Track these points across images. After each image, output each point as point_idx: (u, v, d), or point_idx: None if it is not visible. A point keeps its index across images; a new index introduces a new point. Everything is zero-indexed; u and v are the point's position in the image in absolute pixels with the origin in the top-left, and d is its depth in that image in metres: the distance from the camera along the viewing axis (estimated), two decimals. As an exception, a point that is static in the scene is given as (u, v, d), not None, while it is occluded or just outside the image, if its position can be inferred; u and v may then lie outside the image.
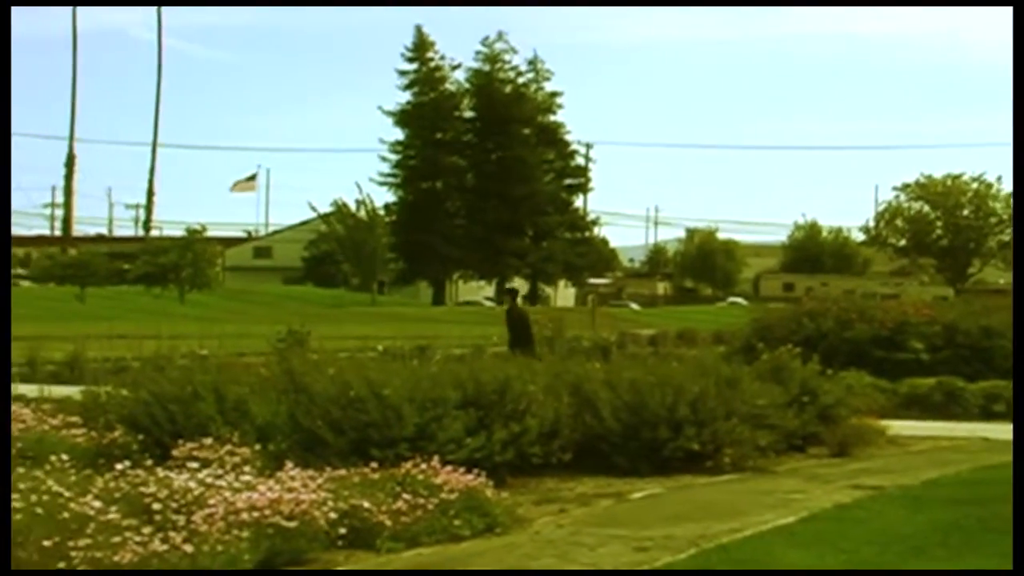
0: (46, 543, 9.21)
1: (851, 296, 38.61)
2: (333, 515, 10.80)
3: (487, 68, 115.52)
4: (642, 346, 40.25)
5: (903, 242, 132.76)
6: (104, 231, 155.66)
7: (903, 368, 26.50)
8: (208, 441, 13.67)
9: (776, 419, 17.22)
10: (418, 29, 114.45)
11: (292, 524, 10.37)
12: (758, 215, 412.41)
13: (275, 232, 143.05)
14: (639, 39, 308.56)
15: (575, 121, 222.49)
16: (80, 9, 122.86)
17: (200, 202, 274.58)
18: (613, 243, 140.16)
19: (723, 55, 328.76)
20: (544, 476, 15.21)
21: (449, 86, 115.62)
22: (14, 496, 9.94)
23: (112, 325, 43.99)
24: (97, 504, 9.88)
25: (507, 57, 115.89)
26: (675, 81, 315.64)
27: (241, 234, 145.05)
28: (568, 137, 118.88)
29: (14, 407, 16.58)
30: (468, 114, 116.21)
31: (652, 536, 11.76)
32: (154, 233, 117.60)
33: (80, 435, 15.26)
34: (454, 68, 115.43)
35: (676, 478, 15.55)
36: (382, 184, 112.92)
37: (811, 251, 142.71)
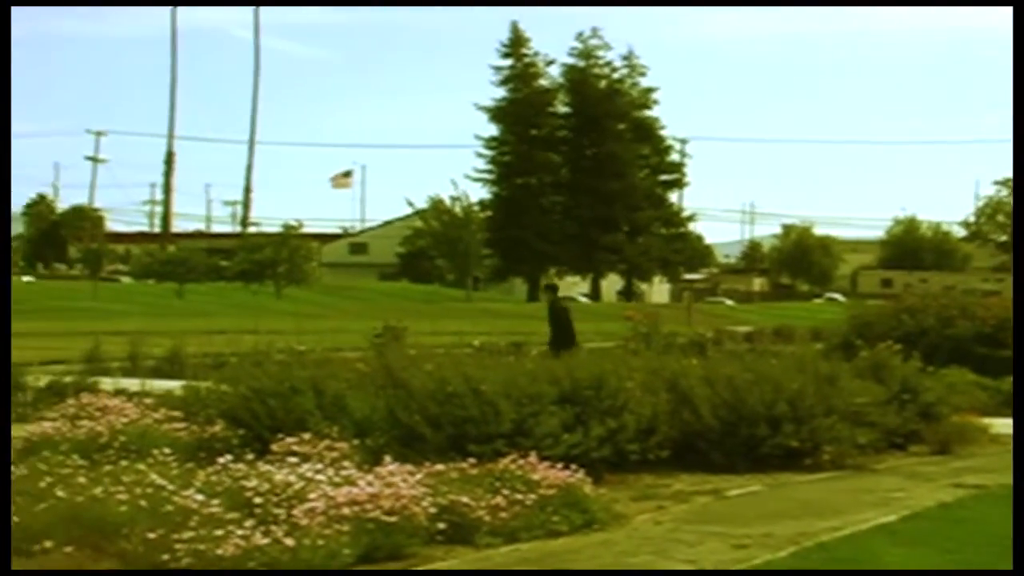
0: (151, 535, 9.34)
1: (951, 292, 38.03)
2: (432, 510, 10.84)
3: (582, 64, 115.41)
4: (738, 343, 39.90)
5: (1004, 237, 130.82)
6: (202, 228, 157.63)
7: (1006, 365, 26.04)
8: (307, 436, 13.76)
9: (876, 417, 17.06)
10: (514, 25, 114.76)
11: (392, 519, 10.42)
12: (855, 211, 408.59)
13: (371, 228, 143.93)
14: (735, 34, 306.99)
15: (670, 116, 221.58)
16: (179, 9, 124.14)
17: (297, 199, 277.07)
18: (708, 239, 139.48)
19: (820, 50, 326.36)
20: (641, 472, 15.16)
21: (544, 82, 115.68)
22: (119, 488, 10.09)
23: (211, 321, 44.55)
24: (200, 497, 10.01)
25: (602, 53, 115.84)
26: (771, 76, 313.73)
27: (337, 230, 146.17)
28: (663, 132, 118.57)
29: (117, 401, 16.83)
30: (563, 110, 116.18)
31: (751, 534, 11.69)
32: (251, 229, 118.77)
33: (181, 429, 15.45)
34: (549, 64, 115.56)
35: (774, 476, 15.44)
36: (477, 180, 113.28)
37: (910, 247, 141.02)
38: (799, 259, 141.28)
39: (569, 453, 13.88)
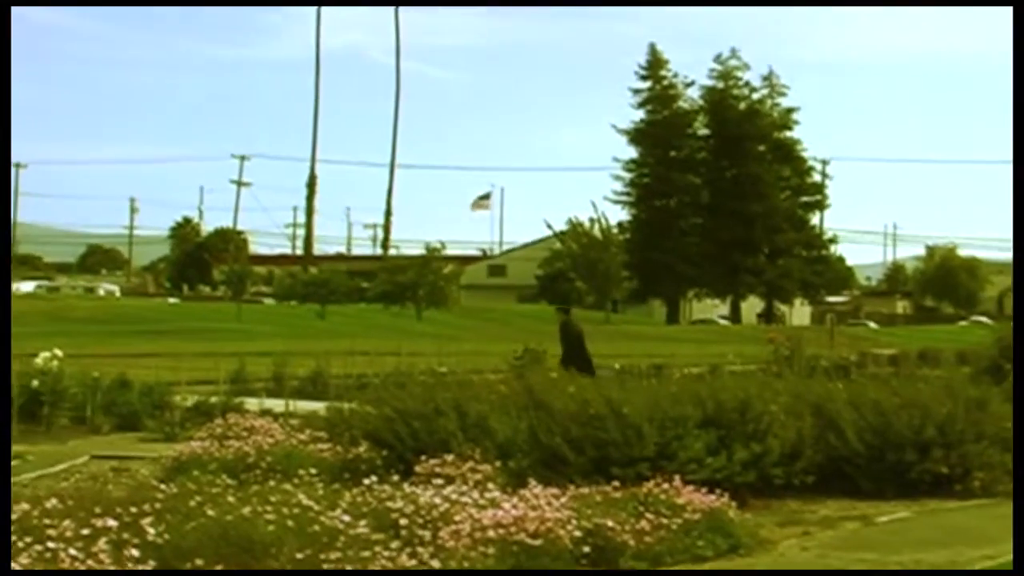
0: (298, 555, 9.41)
1: (1104, 315, 37.06)
2: (577, 534, 10.78)
3: (721, 85, 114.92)
4: (882, 366, 39.35)
5: None
6: (343, 250, 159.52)
7: None
8: (450, 457, 13.83)
9: (1028, 442, 16.66)
10: (652, 47, 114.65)
11: (537, 542, 10.38)
12: (1002, 232, 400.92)
13: (509, 250, 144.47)
14: (876, 52, 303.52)
15: (811, 137, 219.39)
16: (321, 33, 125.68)
17: (435, 221, 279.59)
18: (850, 261, 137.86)
19: (964, 66, 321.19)
20: (786, 498, 14.97)
21: (683, 104, 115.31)
22: (266, 508, 10.18)
23: (352, 342, 44.90)
24: (346, 518, 10.05)
25: (740, 74, 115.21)
26: (914, 94, 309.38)
27: (475, 252, 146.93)
28: (804, 153, 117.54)
29: (263, 421, 17.04)
30: (702, 131, 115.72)
31: (901, 561, 11.49)
32: (391, 252, 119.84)
33: (326, 449, 15.60)
34: (687, 86, 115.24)
35: (923, 502, 15.15)
36: (616, 202, 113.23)
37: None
38: (943, 281, 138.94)
39: (713, 477, 13.76)
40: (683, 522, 11.68)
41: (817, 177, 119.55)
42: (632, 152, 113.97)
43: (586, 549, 10.85)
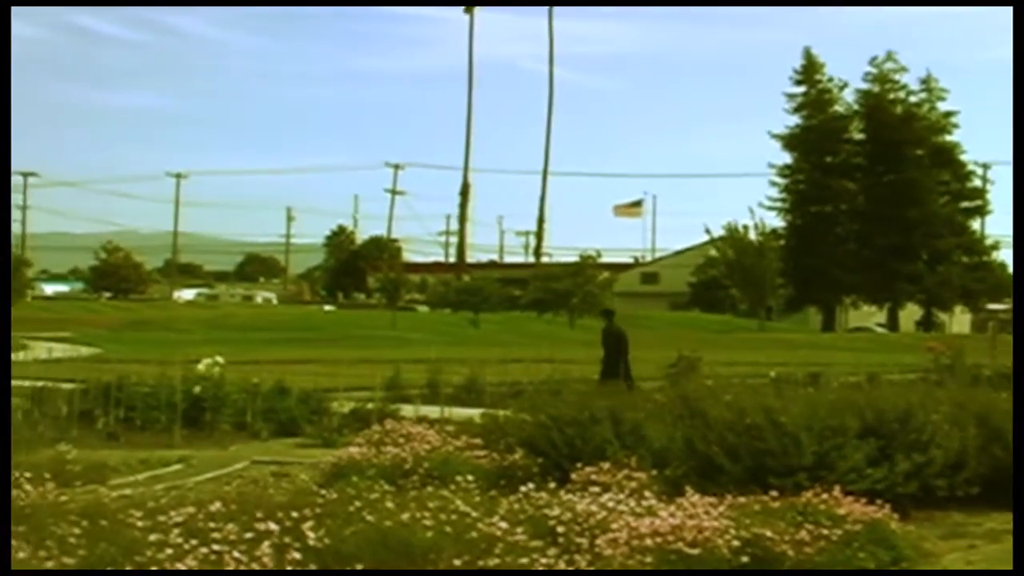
0: (456, 562, 9.45)
1: None
2: (735, 543, 10.67)
3: (877, 89, 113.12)
4: (1047, 375, 38.37)
5: None
6: (495, 258, 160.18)
7: None
8: (606, 465, 13.79)
9: None
10: (807, 51, 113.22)
11: (695, 551, 10.30)
12: None
13: (662, 258, 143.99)
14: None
15: (972, 141, 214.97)
16: (472, 42, 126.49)
17: (588, 228, 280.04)
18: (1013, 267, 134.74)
19: None
20: (949, 509, 14.67)
21: (838, 108, 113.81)
22: (424, 514, 10.25)
23: (506, 349, 45.10)
24: (504, 525, 10.08)
25: (897, 77, 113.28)
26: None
27: (628, 260, 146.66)
28: (964, 158, 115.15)
29: (420, 428, 17.17)
30: (858, 136, 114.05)
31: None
32: (544, 259, 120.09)
33: (482, 456, 15.67)
34: (842, 88, 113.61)
35: (1094, 516, 14.72)
36: (770, 209, 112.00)
37: None
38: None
39: (873, 488, 13.53)
40: (843, 533, 11.47)
41: (978, 182, 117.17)
42: (787, 158, 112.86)
43: (745, 559, 10.74)
